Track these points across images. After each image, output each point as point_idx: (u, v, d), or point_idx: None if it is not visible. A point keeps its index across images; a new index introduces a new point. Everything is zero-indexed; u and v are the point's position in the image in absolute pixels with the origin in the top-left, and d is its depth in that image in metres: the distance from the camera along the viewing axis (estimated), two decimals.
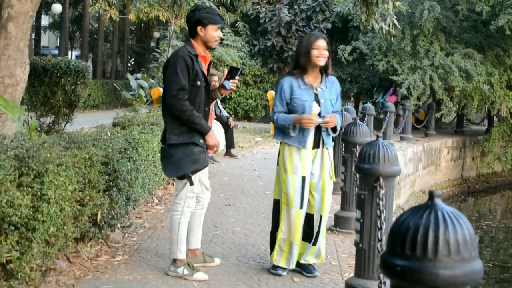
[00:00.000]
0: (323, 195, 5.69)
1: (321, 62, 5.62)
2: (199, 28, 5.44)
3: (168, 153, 5.41)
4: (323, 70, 5.71)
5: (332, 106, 5.68)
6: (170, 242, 5.62)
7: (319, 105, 5.64)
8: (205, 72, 5.49)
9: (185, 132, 5.37)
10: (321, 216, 5.71)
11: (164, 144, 5.50)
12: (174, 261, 5.54)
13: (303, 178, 5.66)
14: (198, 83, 5.38)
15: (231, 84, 5.61)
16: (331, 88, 5.70)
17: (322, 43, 5.62)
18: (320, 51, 5.60)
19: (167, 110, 5.42)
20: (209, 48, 5.55)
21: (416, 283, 1.90)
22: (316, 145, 5.68)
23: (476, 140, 23.22)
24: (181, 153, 5.35)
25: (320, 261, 5.90)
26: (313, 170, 5.69)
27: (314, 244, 5.78)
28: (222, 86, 5.66)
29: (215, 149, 5.60)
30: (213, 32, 5.46)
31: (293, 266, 5.80)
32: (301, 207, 5.68)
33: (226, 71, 5.71)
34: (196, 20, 5.44)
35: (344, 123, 7.91)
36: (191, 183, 5.41)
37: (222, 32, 5.70)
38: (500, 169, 22.93)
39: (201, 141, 5.42)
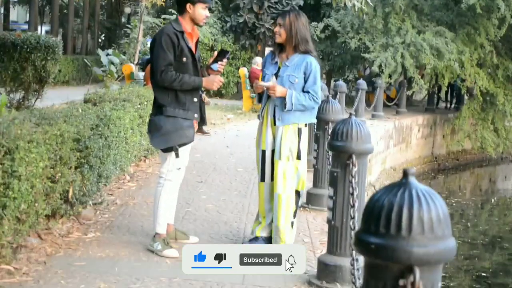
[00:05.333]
0: (276, 174, 5.68)
1: (276, 39, 5.72)
2: (188, 6, 5.47)
3: (157, 125, 5.45)
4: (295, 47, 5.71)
5: (291, 83, 5.64)
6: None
7: (276, 79, 5.70)
8: (193, 49, 5.54)
9: (180, 108, 5.44)
10: (279, 195, 5.69)
11: (153, 116, 5.54)
12: (155, 235, 5.56)
13: (263, 152, 5.75)
14: (184, 59, 5.45)
15: (218, 66, 5.69)
16: (296, 66, 5.66)
17: (278, 19, 5.72)
18: (276, 28, 5.70)
19: (159, 85, 5.47)
20: (196, 25, 5.63)
21: (390, 260, 1.92)
22: (274, 120, 5.70)
23: (447, 118, 23.40)
24: (170, 126, 5.40)
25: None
26: (275, 146, 5.69)
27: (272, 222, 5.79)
28: (209, 68, 5.73)
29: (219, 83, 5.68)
30: (201, 11, 5.51)
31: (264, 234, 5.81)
32: (262, 180, 5.78)
33: (216, 52, 5.77)
34: None
35: None
36: (177, 155, 5.44)
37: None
38: (470, 146, 23.14)
39: (196, 115, 5.52)
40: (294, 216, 5.74)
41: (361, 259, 4.15)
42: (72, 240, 5.72)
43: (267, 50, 21.79)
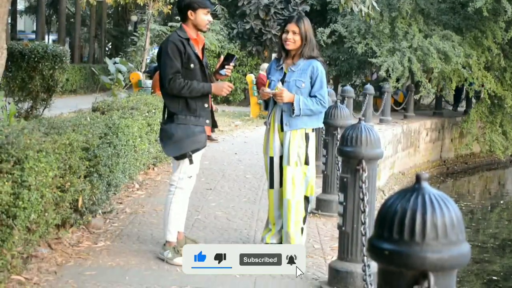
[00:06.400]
0: (285, 180, 5.69)
1: (288, 46, 5.68)
2: (189, 13, 5.50)
3: (169, 133, 5.45)
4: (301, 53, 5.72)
5: (297, 88, 5.65)
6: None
7: (283, 84, 5.69)
8: (199, 55, 5.56)
9: (192, 115, 5.45)
10: (288, 201, 5.70)
11: (164, 124, 5.56)
12: (165, 243, 5.56)
13: (271, 158, 5.78)
14: (192, 65, 5.47)
15: (226, 70, 5.71)
16: (302, 71, 5.68)
17: (290, 26, 5.67)
18: (287, 35, 5.66)
19: (169, 94, 5.48)
20: (200, 31, 5.64)
21: (404, 267, 1.91)
22: (281, 126, 5.70)
23: (455, 121, 23.32)
24: (182, 132, 5.41)
25: None
26: (283, 152, 5.70)
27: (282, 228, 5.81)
28: (217, 72, 5.75)
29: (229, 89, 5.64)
30: (203, 16, 5.52)
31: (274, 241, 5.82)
32: (271, 186, 5.83)
33: (222, 57, 5.79)
34: (186, 5, 5.50)
35: None
36: (191, 162, 5.45)
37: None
38: (478, 150, 23.03)
39: (207, 121, 5.54)
40: (304, 222, 5.75)
41: (373, 265, 4.14)
42: (82, 250, 5.72)
43: (274, 56, 21.81)
